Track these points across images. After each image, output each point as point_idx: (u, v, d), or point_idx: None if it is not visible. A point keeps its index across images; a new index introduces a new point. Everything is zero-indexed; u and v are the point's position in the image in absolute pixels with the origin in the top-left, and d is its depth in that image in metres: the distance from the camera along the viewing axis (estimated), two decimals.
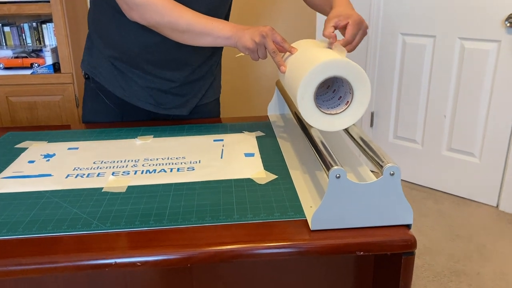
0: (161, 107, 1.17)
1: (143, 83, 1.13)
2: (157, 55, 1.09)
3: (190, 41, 0.98)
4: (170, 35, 0.99)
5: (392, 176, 0.65)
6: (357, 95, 0.80)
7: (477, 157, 2.14)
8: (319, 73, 0.77)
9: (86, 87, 1.22)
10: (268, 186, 0.81)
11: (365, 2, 2.22)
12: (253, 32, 0.92)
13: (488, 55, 1.96)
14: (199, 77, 1.19)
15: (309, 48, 0.91)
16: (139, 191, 0.80)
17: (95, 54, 1.15)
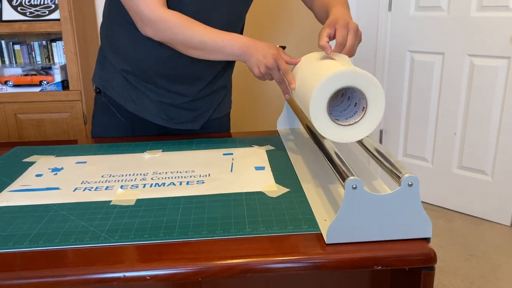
0: (173, 121, 1.17)
1: (155, 98, 1.13)
2: (171, 70, 1.09)
3: (203, 57, 0.99)
4: (184, 51, 1.00)
5: (411, 187, 0.62)
6: (371, 100, 0.78)
7: (489, 175, 2.10)
8: (326, 89, 0.76)
9: (96, 101, 1.21)
10: (280, 199, 0.79)
11: (373, 19, 2.23)
12: (260, 61, 0.93)
13: (497, 72, 1.95)
14: (211, 92, 1.18)
15: (313, 63, 0.90)
16: (148, 204, 0.78)
17: (107, 68, 1.14)
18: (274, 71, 0.94)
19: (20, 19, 1.86)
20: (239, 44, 0.96)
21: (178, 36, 0.96)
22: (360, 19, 2.25)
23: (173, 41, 0.98)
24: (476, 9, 1.95)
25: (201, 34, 0.96)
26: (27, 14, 1.86)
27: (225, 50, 0.96)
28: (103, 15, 1.14)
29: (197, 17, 0.99)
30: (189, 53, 1.00)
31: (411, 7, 2.14)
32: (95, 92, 1.20)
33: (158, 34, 0.97)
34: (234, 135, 1.19)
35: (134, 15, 0.98)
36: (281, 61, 0.93)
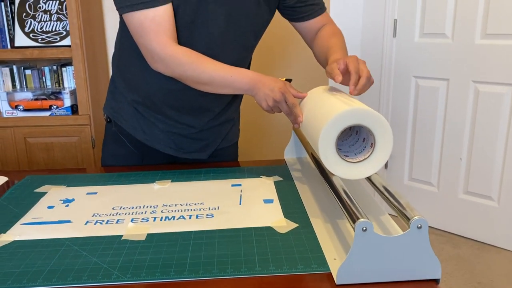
0: (181, 151, 1.19)
1: (164, 128, 1.15)
2: (180, 102, 1.11)
3: (212, 91, 1.02)
4: (193, 85, 1.03)
5: (420, 229, 0.63)
6: (379, 137, 0.79)
7: (495, 201, 2.10)
8: (334, 128, 0.78)
9: (107, 131, 1.23)
10: (289, 235, 0.79)
11: (378, 45, 2.26)
12: (267, 95, 0.96)
13: (502, 98, 1.96)
14: (219, 123, 1.20)
15: (320, 98, 0.91)
16: (158, 240, 0.79)
17: (118, 98, 1.17)
18: (282, 104, 0.96)
19: (32, 45, 1.89)
20: (247, 79, 0.98)
21: (188, 73, 0.99)
22: (365, 44, 2.28)
23: (183, 76, 1.01)
24: (480, 37, 1.97)
25: (210, 70, 0.98)
26: (39, 41, 1.90)
27: (234, 85, 0.99)
28: (115, 46, 1.16)
29: (206, 54, 1.02)
30: (199, 88, 1.03)
31: (415, 34, 2.17)
32: (106, 121, 1.22)
33: (168, 70, 1.00)
34: (242, 164, 1.20)
35: (146, 52, 1.00)
36: (288, 95, 0.95)
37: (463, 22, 2.00)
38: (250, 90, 0.99)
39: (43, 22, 1.91)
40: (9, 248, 0.77)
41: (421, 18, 2.14)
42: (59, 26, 1.91)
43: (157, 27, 0.96)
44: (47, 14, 1.91)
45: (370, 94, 2.34)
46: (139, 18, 0.96)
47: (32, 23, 1.91)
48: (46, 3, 1.92)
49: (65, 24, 1.91)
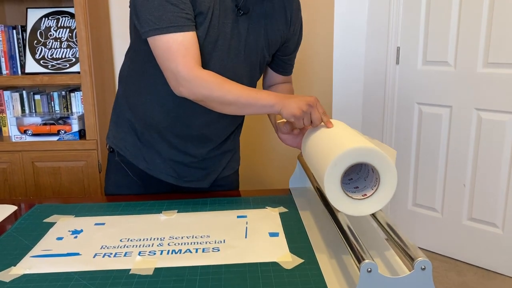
0: (183, 180, 1.20)
1: (166, 156, 1.17)
2: (185, 130, 1.13)
3: (236, 112, 1.03)
4: (217, 107, 1.02)
5: (424, 271, 0.64)
6: (384, 177, 0.81)
7: (500, 228, 2.09)
8: (340, 164, 0.79)
9: (109, 160, 1.25)
10: (294, 271, 0.80)
11: (381, 72, 2.29)
12: (300, 101, 0.97)
13: (505, 126, 1.98)
14: (221, 153, 1.22)
15: (328, 133, 0.93)
16: (166, 274, 0.80)
17: (121, 126, 1.19)
18: (315, 109, 0.98)
19: (42, 71, 1.94)
20: (273, 96, 1.01)
21: (214, 93, 0.99)
22: (368, 71, 2.32)
23: (208, 98, 1.00)
24: (482, 65, 2.00)
25: (236, 90, 1.00)
26: (49, 67, 1.94)
27: (259, 103, 1.00)
28: (121, 73, 1.18)
29: None
30: (223, 109, 1.03)
31: (418, 61, 2.20)
32: (109, 151, 1.24)
33: (193, 92, 0.99)
34: (247, 194, 1.21)
35: (171, 75, 1.00)
36: (319, 104, 0.99)
37: (465, 50, 2.04)
38: (277, 105, 0.99)
39: (54, 49, 1.95)
40: (19, 282, 0.78)
41: (424, 46, 2.17)
42: (69, 53, 1.96)
43: (185, 51, 0.97)
44: (57, 42, 1.96)
45: (374, 121, 2.36)
46: (167, 41, 0.97)
47: (43, 50, 1.95)
48: (57, 31, 1.97)
49: (74, 51, 1.96)
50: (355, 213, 0.82)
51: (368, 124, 2.38)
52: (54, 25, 1.97)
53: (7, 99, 2.02)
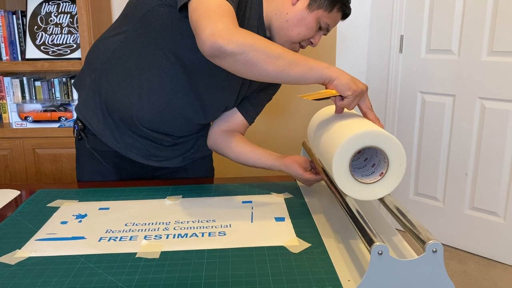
0: (153, 159, 1.18)
1: (138, 136, 1.14)
2: (162, 125, 1.11)
3: (281, 68, 0.85)
4: (260, 60, 0.84)
5: (435, 253, 0.64)
6: (393, 166, 0.80)
7: (501, 217, 2.10)
8: (349, 150, 0.78)
9: (79, 148, 1.20)
10: (302, 255, 0.80)
11: (384, 60, 2.27)
12: (354, 78, 0.88)
13: (508, 115, 1.97)
14: (196, 137, 1.22)
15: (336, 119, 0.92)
16: (172, 258, 0.79)
17: (91, 109, 1.13)
18: (366, 95, 0.89)
19: (43, 57, 1.92)
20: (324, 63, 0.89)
21: (260, 42, 0.84)
22: (372, 60, 2.30)
23: (254, 46, 0.83)
24: (487, 54, 1.99)
25: (281, 47, 0.87)
26: (50, 53, 1.92)
27: (308, 62, 0.86)
28: (98, 56, 1.10)
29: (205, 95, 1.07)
30: (267, 63, 0.84)
31: (422, 50, 2.19)
32: (78, 139, 1.18)
33: (235, 39, 0.82)
34: (252, 180, 1.21)
35: (208, 23, 0.85)
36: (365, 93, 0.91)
37: (470, 39, 2.02)
38: (330, 69, 0.86)
39: (54, 35, 1.93)
40: (24, 264, 0.77)
41: (428, 34, 2.16)
42: (70, 39, 1.94)
43: (229, 15, 0.87)
44: (58, 27, 1.93)
45: (376, 109, 2.35)
46: (214, 3, 0.87)
47: (43, 35, 1.93)
48: (58, 16, 1.94)
49: (75, 37, 1.94)
50: (364, 197, 0.82)
51: None
52: (55, 11, 1.94)
53: (7, 85, 2.00)
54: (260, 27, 1.06)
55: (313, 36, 1.08)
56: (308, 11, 1.03)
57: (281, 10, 1.04)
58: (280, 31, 1.06)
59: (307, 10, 1.03)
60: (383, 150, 0.79)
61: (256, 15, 1.05)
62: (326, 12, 1.03)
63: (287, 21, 1.04)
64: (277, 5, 1.05)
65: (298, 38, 1.06)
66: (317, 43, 1.10)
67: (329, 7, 1.03)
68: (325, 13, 1.03)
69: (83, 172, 1.21)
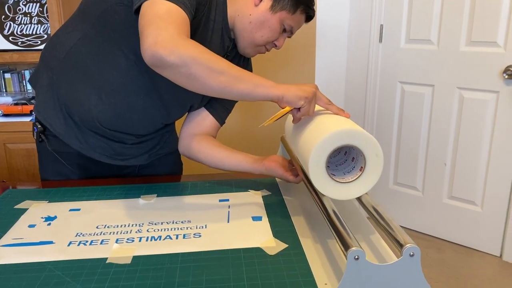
0: (118, 158, 1.13)
1: (101, 136, 1.09)
2: (125, 129, 1.08)
3: (224, 84, 0.81)
4: (202, 75, 0.80)
5: (412, 257, 0.63)
6: (370, 163, 0.79)
7: (479, 206, 2.12)
8: (326, 147, 0.76)
9: (40, 151, 1.15)
10: (278, 257, 0.78)
11: (364, 50, 2.26)
12: (301, 86, 0.85)
13: (487, 105, 1.98)
14: (160, 134, 1.18)
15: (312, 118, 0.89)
16: (144, 263, 0.76)
17: (51, 109, 1.07)
18: (320, 93, 0.87)
19: (12, 48, 1.84)
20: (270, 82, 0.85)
21: (204, 55, 0.80)
22: (351, 49, 2.28)
23: (196, 60, 0.79)
24: (465, 44, 1.99)
25: (226, 62, 0.83)
26: (19, 44, 1.85)
27: (254, 79, 0.83)
28: (54, 54, 1.04)
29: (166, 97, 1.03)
30: (210, 78, 0.80)
31: (401, 40, 2.18)
32: (38, 141, 1.12)
33: (177, 51, 0.78)
34: (229, 176, 1.18)
35: (152, 31, 0.80)
36: (319, 92, 0.88)
37: (449, 29, 2.01)
38: (274, 87, 0.83)
39: (23, 25, 1.86)
40: None
41: (407, 24, 2.14)
42: (40, 29, 1.86)
43: (178, 23, 0.83)
44: (27, 17, 1.86)
45: (356, 99, 2.34)
46: (164, 8, 0.83)
47: (12, 25, 1.85)
48: (26, 5, 1.86)
49: (46, 27, 1.86)
50: (341, 197, 0.80)
51: (350, 102, 2.36)
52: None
53: None
54: (225, 28, 1.03)
55: (277, 39, 1.05)
56: (271, 12, 1.00)
57: (244, 11, 1.01)
58: (243, 33, 1.03)
59: (270, 11, 1.00)
60: (355, 146, 0.77)
61: (221, 17, 1.02)
62: (289, 14, 1.00)
63: (250, 23, 1.01)
64: (240, 6, 1.02)
65: (261, 40, 1.03)
66: (281, 46, 1.07)
67: (292, 8, 1.00)
68: (288, 15, 1.01)
69: (47, 175, 1.16)
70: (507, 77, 1.87)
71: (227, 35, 1.05)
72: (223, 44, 1.06)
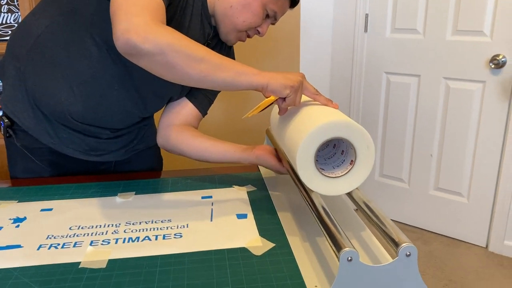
0: (93, 153, 1.06)
1: (74, 130, 1.02)
2: (99, 122, 1.01)
3: (204, 73, 0.75)
4: (179, 63, 0.74)
5: (409, 257, 0.58)
6: (360, 155, 0.74)
7: (465, 197, 2.11)
8: (315, 140, 0.71)
9: (9, 147, 1.07)
10: (265, 258, 0.73)
11: (349, 40, 2.22)
12: (286, 74, 0.79)
13: (473, 95, 1.96)
14: (130, 130, 1.11)
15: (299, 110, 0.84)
16: (121, 267, 0.71)
17: (19, 100, 0.99)
18: (306, 83, 0.81)
19: None
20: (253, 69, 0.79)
21: (182, 41, 0.74)
22: (336, 39, 2.24)
23: (173, 47, 0.73)
24: (451, 33, 1.96)
25: (206, 49, 0.77)
26: None
27: (237, 67, 0.77)
28: (20, 44, 0.96)
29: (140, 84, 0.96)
30: (188, 67, 0.74)
31: (387, 29, 2.14)
32: (5, 136, 1.04)
33: (152, 38, 0.72)
34: (212, 171, 1.13)
35: (124, 17, 0.74)
36: (305, 80, 0.83)
37: (435, 18, 1.98)
38: (258, 75, 0.77)
39: None
40: None
41: (393, 13, 2.11)
42: (10, 18, 1.77)
43: (153, 9, 0.77)
44: None
45: (341, 90, 2.30)
46: None
47: None
48: None
49: (17, 16, 1.77)
50: (330, 193, 0.75)
51: (335, 93, 2.31)
52: None
53: None
54: (204, 14, 0.97)
55: (260, 25, 1.00)
56: None
57: None
58: (224, 19, 0.97)
59: None
60: (345, 138, 0.73)
61: (200, 2, 0.96)
62: None
63: (231, 7, 0.95)
64: None
65: (244, 25, 0.98)
66: (265, 33, 1.02)
67: None
68: None
69: (17, 172, 1.09)
70: (494, 67, 1.85)
71: (207, 22, 0.98)
72: (204, 31, 1.00)
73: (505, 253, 2.03)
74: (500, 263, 1.98)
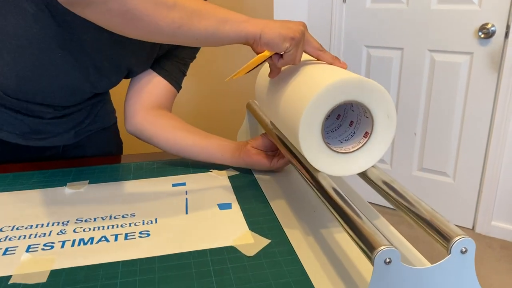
0: (34, 138, 0.86)
1: (12, 109, 0.82)
2: (29, 96, 0.80)
3: (181, 22, 0.57)
4: (148, 11, 0.56)
5: (465, 255, 0.43)
6: (379, 126, 0.58)
7: (451, 177, 2.01)
8: (327, 99, 0.55)
9: None
10: (260, 258, 0.56)
11: (326, 12, 2.06)
12: (288, 23, 0.60)
13: (460, 68, 1.85)
14: (80, 107, 0.91)
15: (300, 69, 0.67)
16: (67, 280, 0.52)
17: None
18: (308, 35, 0.63)
19: None
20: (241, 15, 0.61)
21: None
22: (313, 11, 2.07)
23: None
24: (437, 1, 1.83)
25: None
26: None
27: (221, 13, 0.59)
28: None
29: None
30: (157, 15, 0.56)
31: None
32: None
33: None
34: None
35: None
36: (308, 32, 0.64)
37: None
38: (247, 22, 0.59)
39: None
40: None
41: None
42: None
43: None
44: None
45: None
46: None
47: None
48: None
49: None
50: (340, 173, 0.59)
51: None
52: None
53: None
54: None
55: None
56: None
57: None
58: None
59: None
60: (362, 103, 0.56)
61: None
62: None
63: None
64: None
65: None
66: None
67: None
68: None
69: None
70: (483, 36, 1.73)
71: None
72: None
73: (493, 234, 1.95)
74: (489, 244, 1.90)
